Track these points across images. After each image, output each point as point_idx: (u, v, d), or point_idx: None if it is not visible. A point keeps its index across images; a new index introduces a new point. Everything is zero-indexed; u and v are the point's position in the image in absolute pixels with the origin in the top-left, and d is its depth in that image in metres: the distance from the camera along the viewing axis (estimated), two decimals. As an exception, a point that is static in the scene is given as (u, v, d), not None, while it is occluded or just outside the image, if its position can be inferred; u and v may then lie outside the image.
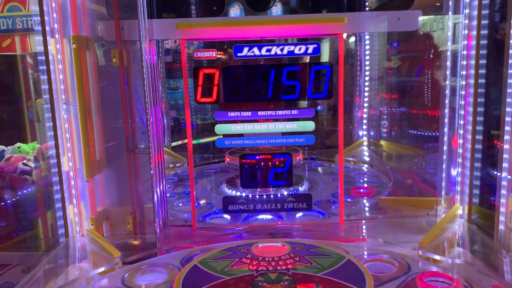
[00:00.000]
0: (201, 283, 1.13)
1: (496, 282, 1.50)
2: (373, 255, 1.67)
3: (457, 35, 1.99)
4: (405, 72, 3.18)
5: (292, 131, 1.92)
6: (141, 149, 1.92)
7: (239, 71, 1.81)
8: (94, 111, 1.93)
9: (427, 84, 2.81)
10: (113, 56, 1.84)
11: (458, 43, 1.96)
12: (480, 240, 1.85)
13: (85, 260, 1.82)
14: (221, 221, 2.09)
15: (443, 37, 2.06)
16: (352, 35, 3.42)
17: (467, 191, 1.97)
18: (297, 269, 1.18)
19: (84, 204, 1.95)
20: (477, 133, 1.92)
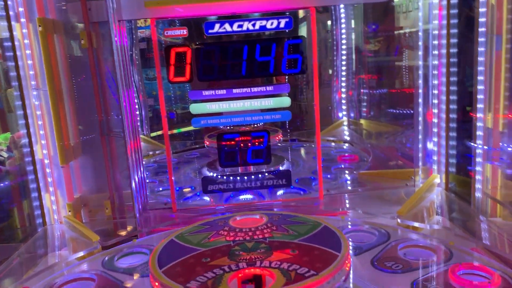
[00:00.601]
0: (177, 255, 1.12)
1: (474, 245, 1.52)
2: (354, 226, 1.69)
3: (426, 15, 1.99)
4: (382, 52, 3.19)
5: (268, 108, 1.91)
6: (115, 132, 1.89)
7: (211, 48, 1.79)
8: (66, 96, 1.89)
9: (404, 64, 2.83)
10: (82, 38, 1.80)
11: (429, 23, 1.97)
12: (458, 206, 1.87)
13: (64, 248, 1.79)
14: (203, 202, 2.08)
15: (417, 17, 2.07)
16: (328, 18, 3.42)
17: (444, 161, 1.99)
18: (274, 237, 1.18)
19: (61, 192, 1.91)
20: (451, 110, 1.94)
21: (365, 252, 1.47)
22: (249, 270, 1.03)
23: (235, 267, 1.04)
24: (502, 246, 1.54)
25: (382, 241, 1.55)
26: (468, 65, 1.93)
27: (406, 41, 2.81)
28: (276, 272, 1.00)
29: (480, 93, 1.78)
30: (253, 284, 1.02)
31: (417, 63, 2.05)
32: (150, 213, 1.99)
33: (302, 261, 1.05)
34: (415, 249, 1.50)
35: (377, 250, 1.49)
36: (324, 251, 1.09)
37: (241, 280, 1.03)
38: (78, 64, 1.96)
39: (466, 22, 1.93)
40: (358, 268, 1.38)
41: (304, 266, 1.02)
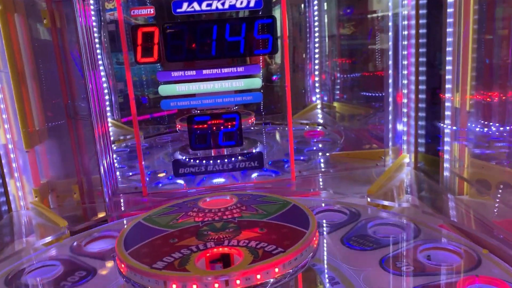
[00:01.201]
0: (144, 237, 1.10)
1: (441, 222, 1.56)
2: (326, 206, 1.70)
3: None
4: (355, 36, 3.20)
5: (239, 89, 1.89)
6: (82, 116, 1.84)
7: (179, 28, 1.75)
8: (29, 78, 1.82)
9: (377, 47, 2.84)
10: (44, 17, 1.73)
11: (399, 6, 1.97)
12: (427, 185, 1.91)
13: (31, 234, 1.74)
14: (176, 186, 2.06)
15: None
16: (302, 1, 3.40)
17: (413, 141, 2.02)
18: (243, 217, 1.17)
19: (27, 177, 1.86)
20: (420, 91, 1.96)
21: (336, 231, 1.49)
22: (217, 249, 1.02)
23: (202, 247, 1.03)
24: (469, 223, 1.58)
25: (353, 220, 1.57)
26: (437, 46, 1.95)
27: (379, 24, 2.82)
28: (244, 250, 1.00)
29: (448, 74, 1.80)
30: (221, 263, 1.02)
31: (387, 45, 2.06)
32: (121, 198, 1.96)
33: (270, 239, 1.04)
34: (384, 227, 1.52)
35: (348, 228, 1.50)
36: (292, 229, 1.09)
37: (209, 259, 1.02)
38: (42, 46, 1.89)
39: (435, 3, 1.94)
40: (329, 245, 1.40)
41: (272, 244, 1.02)
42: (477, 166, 1.82)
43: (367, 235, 1.45)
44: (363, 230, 1.49)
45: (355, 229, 1.50)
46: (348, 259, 1.29)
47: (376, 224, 1.53)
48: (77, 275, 1.32)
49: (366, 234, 1.45)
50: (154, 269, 0.95)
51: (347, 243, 1.39)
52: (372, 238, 1.42)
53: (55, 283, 1.30)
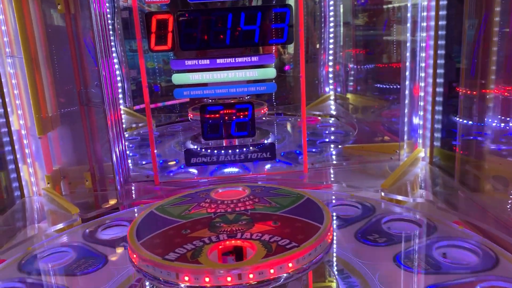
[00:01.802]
0: (156, 227, 1.09)
1: (456, 218, 1.53)
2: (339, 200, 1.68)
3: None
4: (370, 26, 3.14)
5: (253, 79, 1.87)
6: (94, 103, 1.83)
7: (194, 16, 1.72)
8: (43, 64, 1.81)
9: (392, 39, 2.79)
10: (58, 3, 1.72)
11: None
12: (442, 180, 1.87)
13: (43, 220, 1.75)
14: (187, 176, 2.05)
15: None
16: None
17: (429, 135, 1.98)
18: (256, 209, 1.16)
19: (39, 163, 1.86)
20: (438, 84, 1.92)
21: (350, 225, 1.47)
22: (229, 241, 1.01)
23: (215, 239, 1.01)
24: (484, 220, 1.55)
25: (367, 214, 1.55)
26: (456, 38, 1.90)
27: (394, 15, 2.77)
28: (257, 243, 0.98)
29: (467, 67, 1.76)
30: (234, 256, 1.00)
31: (405, 36, 2.01)
32: (132, 186, 1.96)
33: (283, 233, 1.03)
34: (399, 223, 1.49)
35: (362, 223, 1.48)
36: (306, 223, 1.07)
37: (221, 252, 1.00)
38: (56, 32, 1.87)
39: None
40: (342, 240, 1.38)
41: (286, 238, 1.00)
42: (494, 162, 1.78)
43: (381, 230, 1.42)
44: (377, 225, 1.47)
45: (369, 224, 1.48)
46: (361, 255, 1.27)
47: (390, 219, 1.51)
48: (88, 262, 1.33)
49: (380, 229, 1.43)
50: (166, 260, 0.94)
51: (361, 238, 1.37)
52: (386, 233, 1.40)
53: (67, 269, 1.30)
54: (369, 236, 1.38)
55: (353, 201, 1.65)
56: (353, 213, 1.58)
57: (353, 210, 1.61)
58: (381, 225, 1.46)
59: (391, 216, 1.52)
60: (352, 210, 1.62)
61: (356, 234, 1.40)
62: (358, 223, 1.48)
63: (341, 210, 1.62)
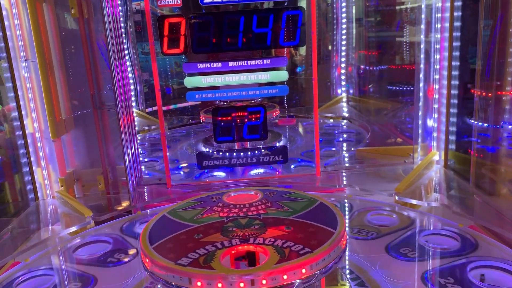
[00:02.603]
0: (169, 231, 1.09)
1: (472, 223, 1.50)
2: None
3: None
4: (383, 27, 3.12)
5: (265, 82, 1.86)
6: (108, 106, 1.84)
7: (206, 19, 1.72)
8: (57, 68, 1.83)
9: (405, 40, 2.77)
10: (72, 7, 1.73)
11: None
12: (457, 184, 1.84)
13: (57, 223, 1.76)
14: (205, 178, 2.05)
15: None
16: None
17: (444, 138, 1.95)
18: (268, 214, 1.15)
19: (53, 166, 1.88)
20: (453, 86, 1.89)
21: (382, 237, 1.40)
22: (242, 246, 1.00)
23: (228, 244, 1.01)
24: (500, 224, 1.52)
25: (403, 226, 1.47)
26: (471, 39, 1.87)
27: (407, 16, 2.74)
28: (270, 249, 0.97)
29: (483, 69, 1.73)
30: (246, 261, 1.00)
31: (418, 38, 1.99)
32: (145, 189, 1.96)
33: (296, 238, 1.02)
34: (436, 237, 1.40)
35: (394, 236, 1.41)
36: (319, 228, 1.06)
37: (234, 257, 1.00)
38: (70, 36, 1.89)
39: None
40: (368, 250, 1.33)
41: (299, 243, 0.99)
42: (510, 165, 1.75)
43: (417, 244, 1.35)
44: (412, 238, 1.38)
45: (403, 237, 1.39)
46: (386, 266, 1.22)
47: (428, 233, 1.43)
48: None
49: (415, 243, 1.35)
50: (179, 265, 0.94)
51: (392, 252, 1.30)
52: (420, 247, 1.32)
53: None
54: (399, 250, 1.31)
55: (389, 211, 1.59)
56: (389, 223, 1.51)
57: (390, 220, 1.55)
58: (419, 239, 1.38)
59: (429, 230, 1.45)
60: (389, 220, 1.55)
61: (387, 247, 1.33)
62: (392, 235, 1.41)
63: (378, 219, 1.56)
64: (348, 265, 1.25)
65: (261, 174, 2.05)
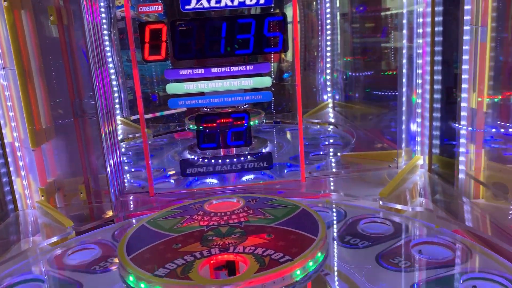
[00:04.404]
0: (147, 241, 1.07)
1: (456, 227, 1.50)
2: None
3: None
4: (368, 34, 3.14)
5: (249, 88, 1.85)
6: (89, 114, 1.82)
7: (188, 25, 1.71)
8: (36, 76, 1.80)
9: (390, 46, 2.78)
10: (50, 14, 1.71)
11: (414, 4, 1.90)
12: (441, 188, 1.85)
13: (37, 234, 1.73)
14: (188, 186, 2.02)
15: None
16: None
17: (428, 142, 1.96)
18: (250, 221, 1.13)
19: (33, 176, 1.84)
20: (436, 91, 1.90)
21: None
22: (222, 256, 0.98)
23: (207, 253, 0.99)
24: (485, 228, 1.52)
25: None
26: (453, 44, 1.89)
27: (393, 22, 2.76)
28: (250, 258, 0.96)
29: (465, 73, 1.74)
30: (226, 271, 0.98)
31: (401, 43, 2.00)
32: (128, 198, 1.93)
33: (277, 246, 1.00)
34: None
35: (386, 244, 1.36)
36: (300, 235, 1.05)
37: (213, 266, 0.98)
38: (49, 43, 1.86)
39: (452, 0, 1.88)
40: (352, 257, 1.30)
41: (279, 251, 0.97)
42: (494, 169, 1.75)
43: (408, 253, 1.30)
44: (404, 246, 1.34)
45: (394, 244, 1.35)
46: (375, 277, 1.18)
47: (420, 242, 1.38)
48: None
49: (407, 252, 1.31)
50: (156, 276, 0.91)
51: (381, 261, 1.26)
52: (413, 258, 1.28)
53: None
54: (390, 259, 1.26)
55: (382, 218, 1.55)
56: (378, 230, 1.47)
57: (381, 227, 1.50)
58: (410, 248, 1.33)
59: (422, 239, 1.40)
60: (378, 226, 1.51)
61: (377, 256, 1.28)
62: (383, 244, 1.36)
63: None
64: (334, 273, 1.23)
65: (248, 181, 2.03)
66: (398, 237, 1.39)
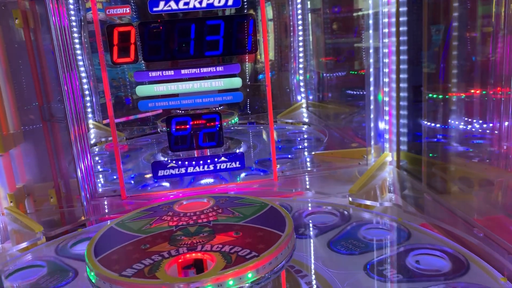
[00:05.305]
0: (115, 243, 1.07)
1: (423, 221, 1.54)
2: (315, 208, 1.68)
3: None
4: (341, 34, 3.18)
5: (219, 89, 1.86)
6: (57, 118, 1.80)
7: (156, 27, 1.71)
8: (2, 79, 1.77)
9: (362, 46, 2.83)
10: (15, 17, 1.68)
11: (379, 3, 1.95)
12: (409, 184, 1.89)
13: (7, 240, 1.70)
14: (162, 188, 2.02)
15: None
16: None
17: (395, 140, 2.00)
18: (219, 220, 1.14)
19: (1, 182, 1.81)
20: (402, 89, 1.95)
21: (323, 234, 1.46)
22: (189, 254, 0.99)
23: (175, 253, 1.00)
24: (451, 222, 1.57)
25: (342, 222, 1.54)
26: (418, 43, 1.94)
27: (360, 22, 2.81)
28: (217, 255, 0.97)
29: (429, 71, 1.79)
30: (194, 269, 0.99)
31: (368, 43, 2.04)
32: (100, 201, 1.92)
33: (244, 243, 1.01)
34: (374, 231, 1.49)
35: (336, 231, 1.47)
36: (268, 232, 1.06)
37: (181, 265, 0.99)
38: (16, 47, 1.84)
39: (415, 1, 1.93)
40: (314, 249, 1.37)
41: (246, 248, 0.99)
42: (459, 164, 1.81)
43: (356, 238, 1.42)
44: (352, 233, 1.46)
45: (343, 232, 1.47)
46: (333, 264, 1.27)
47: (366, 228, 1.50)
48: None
49: (354, 237, 1.43)
50: (123, 276, 0.92)
51: (334, 247, 1.37)
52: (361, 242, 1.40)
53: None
54: (342, 245, 1.38)
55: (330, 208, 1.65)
56: (329, 221, 1.57)
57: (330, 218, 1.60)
58: (357, 233, 1.45)
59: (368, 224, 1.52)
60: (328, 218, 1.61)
61: (329, 243, 1.39)
62: (332, 232, 1.47)
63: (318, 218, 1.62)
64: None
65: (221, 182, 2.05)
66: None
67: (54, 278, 1.33)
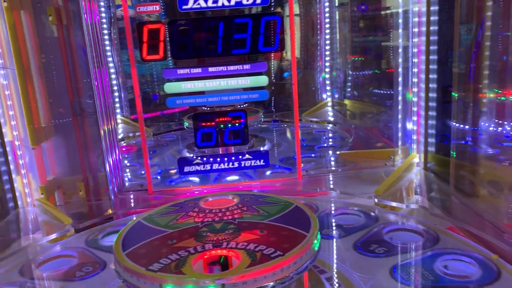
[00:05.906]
0: (143, 237, 1.09)
1: (450, 224, 1.51)
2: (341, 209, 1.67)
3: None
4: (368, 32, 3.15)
5: (245, 87, 1.87)
6: (88, 113, 1.84)
7: (185, 25, 1.73)
8: (35, 74, 1.82)
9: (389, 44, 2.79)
10: (49, 14, 1.73)
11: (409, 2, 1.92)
12: (437, 186, 1.86)
13: (37, 231, 1.75)
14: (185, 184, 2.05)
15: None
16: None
17: (423, 141, 1.97)
18: (244, 218, 1.15)
19: (33, 174, 1.86)
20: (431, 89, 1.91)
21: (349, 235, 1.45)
22: (215, 251, 1.00)
23: (200, 249, 1.01)
24: (479, 226, 1.53)
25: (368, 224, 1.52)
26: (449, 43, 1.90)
27: (391, 21, 2.77)
28: (242, 253, 0.98)
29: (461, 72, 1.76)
30: (219, 266, 1.00)
31: (396, 42, 2.02)
32: (127, 195, 1.95)
33: (269, 241, 1.02)
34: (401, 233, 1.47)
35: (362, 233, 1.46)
36: (292, 231, 1.06)
37: (207, 261, 1.00)
38: (49, 43, 1.89)
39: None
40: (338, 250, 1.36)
41: (271, 247, 0.99)
42: (489, 167, 1.76)
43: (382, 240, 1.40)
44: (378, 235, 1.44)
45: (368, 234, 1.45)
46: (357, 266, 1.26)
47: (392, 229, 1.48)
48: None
49: (381, 239, 1.41)
50: (149, 271, 0.94)
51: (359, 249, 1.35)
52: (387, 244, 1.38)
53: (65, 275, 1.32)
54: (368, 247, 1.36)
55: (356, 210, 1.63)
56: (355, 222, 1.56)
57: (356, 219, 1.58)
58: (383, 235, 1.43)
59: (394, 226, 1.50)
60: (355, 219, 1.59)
61: (355, 244, 1.38)
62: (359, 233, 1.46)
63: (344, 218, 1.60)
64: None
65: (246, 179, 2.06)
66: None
67: (85, 269, 1.36)
